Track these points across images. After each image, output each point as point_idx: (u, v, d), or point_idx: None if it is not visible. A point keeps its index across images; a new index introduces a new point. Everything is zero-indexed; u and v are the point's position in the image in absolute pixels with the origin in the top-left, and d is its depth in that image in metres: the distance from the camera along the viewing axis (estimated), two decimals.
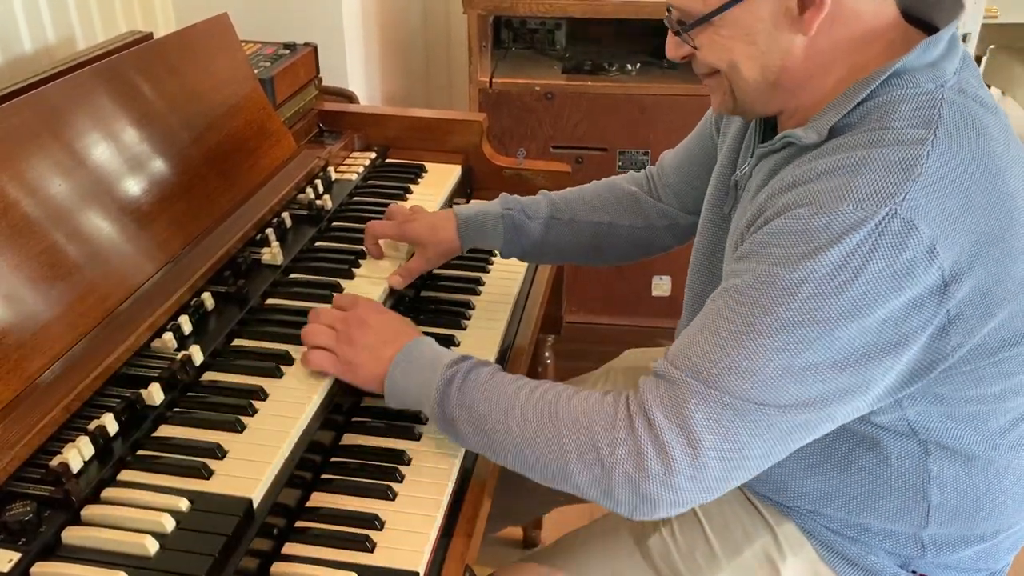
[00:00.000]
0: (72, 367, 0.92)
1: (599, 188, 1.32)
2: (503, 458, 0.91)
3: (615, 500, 0.85)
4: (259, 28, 1.88)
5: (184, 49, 1.33)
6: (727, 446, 0.82)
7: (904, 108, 0.85)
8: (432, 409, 0.94)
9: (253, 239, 1.25)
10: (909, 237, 0.79)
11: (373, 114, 1.70)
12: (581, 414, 0.86)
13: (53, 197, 1.01)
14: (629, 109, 2.13)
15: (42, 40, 1.58)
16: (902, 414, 0.91)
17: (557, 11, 2.08)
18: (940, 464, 0.94)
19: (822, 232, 0.80)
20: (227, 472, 0.87)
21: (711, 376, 0.82)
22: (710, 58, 0.92)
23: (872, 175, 0.81)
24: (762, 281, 0.82)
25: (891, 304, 0.80)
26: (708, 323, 0.86)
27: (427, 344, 0.99)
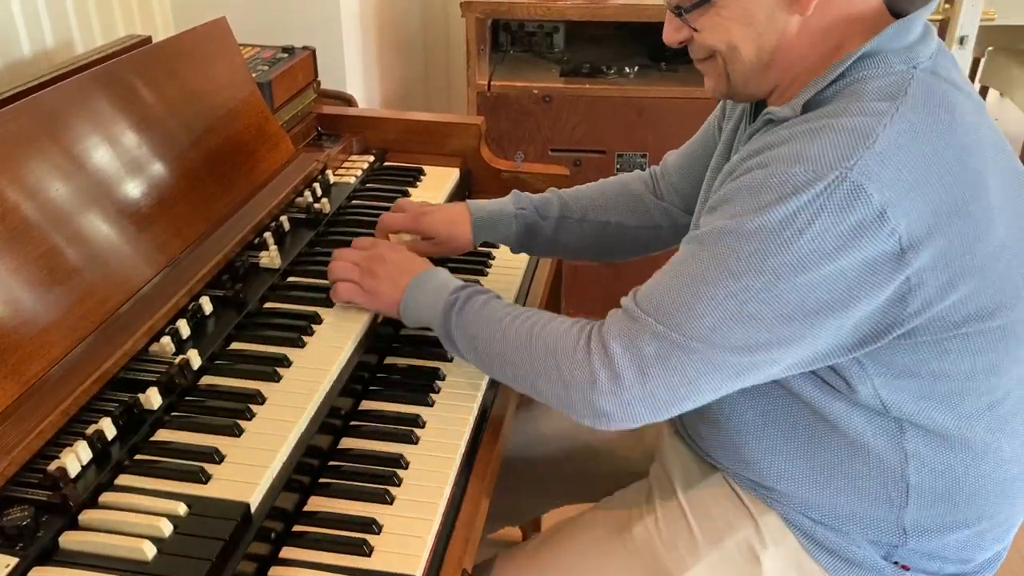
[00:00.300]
0: (70, 371, 0.92)
1: (607, 188, 1.35)
2: (491, 372, 1.05)
3: (576, 413, 0.94)
4: (258, 31, 1.89)
5: (182, 53, 1.33)
6: (675, 379, 0.89)
7: (873, 84, 0.89)
8: (437, 329, 1.06)
9: (251, 243, 1.25)
10: (857, 200, 0.83)
11: (371, 117, 1.71)
12: (550, 339, 0.96)
13: (51, 201, 1.01)
14: (627, 112, 2.14)
15: (41, 44, 1.58)
16: (875, 392, 0.94)
17: (555, 14, 2.09)
18: (916, 443, 0.96)
19: (774, 190, 0.85)
20: (225, 476, 0.87)
21: (667, 315, 0.89)
22: (710, 40, 0.95)
23: (827, 140, 0.85)
24: (718, 233, 0.88)
25: (838, 263, 0.84)
26: (672, 268, 0.93)
27: (437, 273, 1.10)
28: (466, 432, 1.03)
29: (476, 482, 0.99)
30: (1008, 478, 1.01)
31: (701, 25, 0.94)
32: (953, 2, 1.83)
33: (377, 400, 1.08)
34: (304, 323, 1.10)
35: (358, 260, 1.14)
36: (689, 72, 2.21)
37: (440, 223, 1.28)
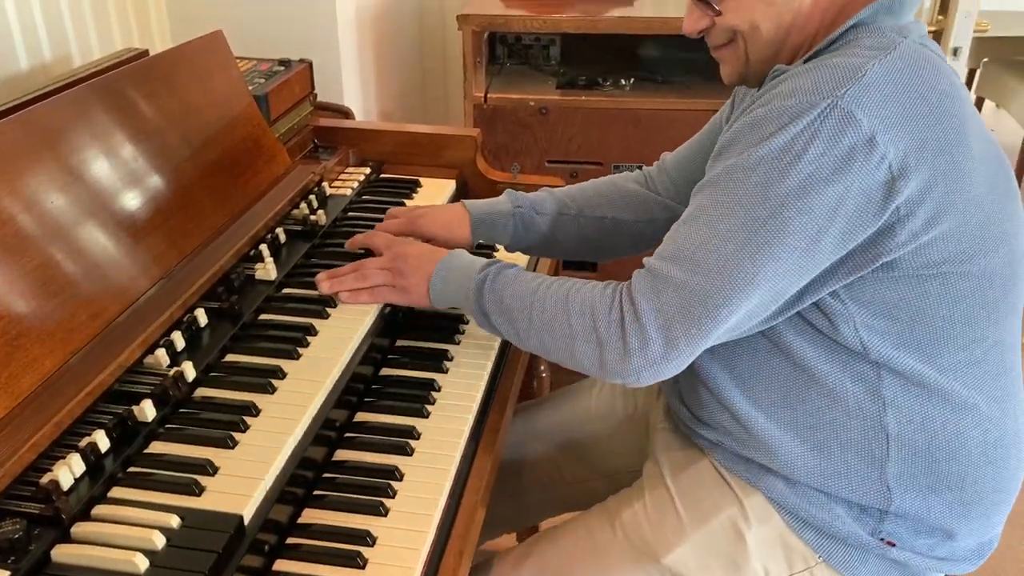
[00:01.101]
0: (64, 384, 0.92)
1: (601, 185, 1.37)
2: (526, 343, 1.06)
3: (608, 372, 0.98)
4: (256, 45, 1.89)
5: (179, 66, 1.34)
6: (694, 330, 0.94)
7: (866, 41, 0.96)
8: (470, 307, 1.09)
9: (247, 255, 1.25)
10: (848, 126, 0.89)
11: (368, 130, 1.71)
12: (586, 302, 1.00)
13: (47, 213, 1.01)
14: (623, 123, 2.14)
15: (39, 58, 1.59)
16: (855, 332, 0.98)
17: (551, 27, 2.10)
18: (893, 391, 1.00)
19: (773, 122, 0.92)
20: (218, 489, 0.86)
21: (685, 257, 0.95)
22: (733, 20, 1.02)
23: (820, 75, 0.92)
24: (727, 170, 0.95)
25: (835, 188, 0.90)
26: (686, 215, 0.99)
27: (460, 255, 1.15)
28: (461, 443, 1.03)
29: (471, 493, 0.99)
30: (990, 441, 1.03)
31: (725, 8, 1.02)
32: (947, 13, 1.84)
33: (372, 412, 1.08)
34: (299, 335, 1.10)
35: (382, 263, 1.18)
36: (684, 84, 2.22)
37: (438, 225, 1.30)
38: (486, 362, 1.18)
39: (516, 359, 1.25)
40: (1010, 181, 1.04)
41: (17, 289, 0.94)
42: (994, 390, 1.03)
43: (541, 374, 1.78)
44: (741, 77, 1.07)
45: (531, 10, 2.15)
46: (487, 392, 1.14)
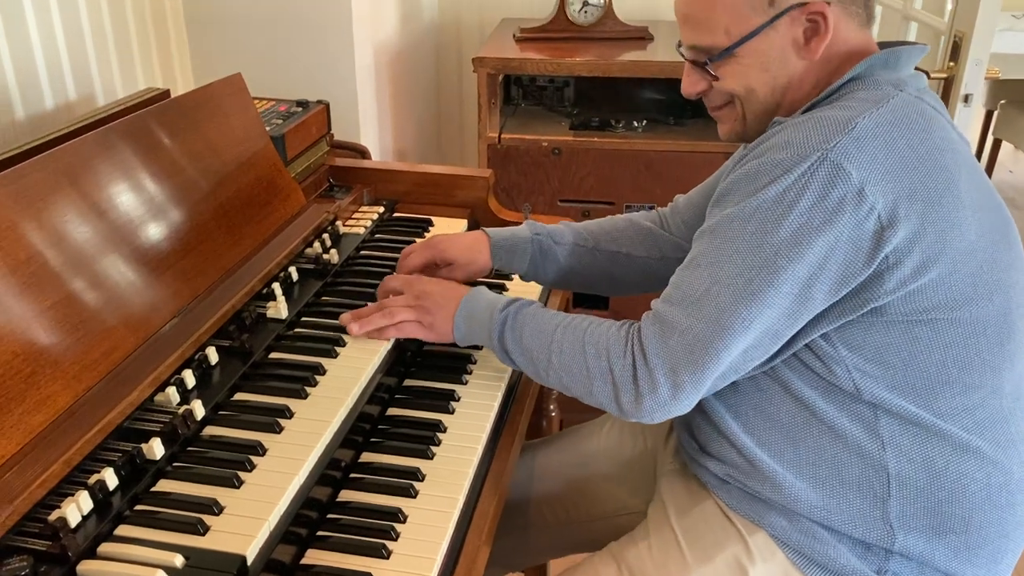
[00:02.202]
0: (76, 421, 0.93)
1: (618, 221, 1.41)
2: (546, 381, 1.11)
3: (624, 412, 1.03)
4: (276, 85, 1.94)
5: (199, 108, 1.37)
6: (698, 374, 0.99)
7: (860, 94, 1.01)
8: (493, 346, 1.14)
9: (260, 293, 1.27)
10: (838, 178, 0.93)
11: (382, 169, 1.74)
12: (601, 345, 1.04)
13: (66, 252, 1.04)
14: (635, 164, 2.17)
15: (63, 96, 1.63)
16: (848, 375, 1.01)
17: (564, 70, 2.13)
18: (891, 430, 1.02)
19: (765, 174, 0.96)
20: (222, 528, 0.87)
21: (689, 304, 0.99)
22: (731, 85, 1.07)
23: (811, 128, 0.96)
24: (725, 219, 0.99)
25: (826, 238, 0.93)
26: (688, 261, 1.03)
27: (481, 293, 1.19)
28: (465, 486, 1.04)
29: (474, 536, 0.99)
30: (994, 485, 1.03)
31: (723, 73, 1.07)
32: (957, 60, 1.85)
33: (377, 452, 1.09)
34: (307, 374, 1.12)
35: (406, 302, 1.21)
36: (696, 126, 2.24)
37: (459, 249, 1.34)
38: (492, 403, 1.19)
39: (523, 400, 1.25)
40: (1009, 231, 1.05)
41: (34, 326, 0.96)
42: (997, 435, 1.04)
43: (551, 413, 1.78)
44: (738, 135, 1.12)
45: (546, 53, 2.19)
46: (493, 434, 1.15)
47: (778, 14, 1.02)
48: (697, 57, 1.08)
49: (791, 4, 1.01)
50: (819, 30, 1.02)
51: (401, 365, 1.26)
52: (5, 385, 0.90)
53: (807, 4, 1.01)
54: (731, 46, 1.04)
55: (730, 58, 1.05)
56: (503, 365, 1.25)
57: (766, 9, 1.02)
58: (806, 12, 1.01)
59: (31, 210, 1.01)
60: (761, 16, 1.02)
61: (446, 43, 2.83)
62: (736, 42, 1.03)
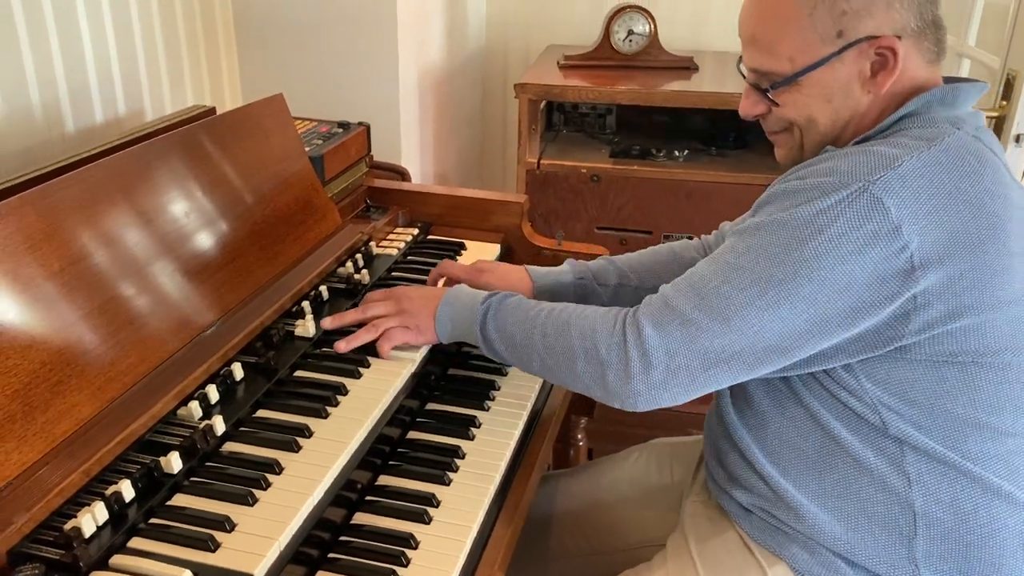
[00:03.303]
0: (97, 431, 0.95)
1: (661, 254, 1.39)
2: (529, 366, 1.10)
3: (610, 393, 1.01)
4: (321, 106, 1.97)
5: (239, 126, 1.40)
6: (696, 363, 0.97)
7: (914, 131, 0.98)
8: (475, 336, 1.13)
9: (289, 311, 1.29)
10: (875, 211, 0.91)
11: (418, 192, 1.75)
12: (588, 324, 1.03)
13: (99, 264, 1.06)
14: (675, 194, 2.15)
15: (113, 111, 1.68)
16: (874, 408, 0.98)
17: (606, 98, 2.13)
18: (918, 468, 0.99)
19: (805, 193, 0.95)
20: (233, 546, 0.87)
21: (699, 296, 0.98)
22: (790, 114, 1.05)
23: (858, 159, 0.94)
24: (755, 227, 0.98)
25: (849, 267, 0.91)
26: (711, 257, 1.01)
27: (461, 289, 1.21)
28: (480, 514, 1.03)
29: (486, 567, 0.98)
30: None
31: (783, 100, 1.04)
32: (1009, 99, 1.81)
33: (394, 476, 1.09)
34: (330, 394, 1.12)
35: (386, 310, 1.22)
36: (737, 157, 2.22)
37: (500, 285, 1.33)
38: (513, 431, 1.18)
39: (544, 429, 1.24)
40: None
41: (63, 336, 0.98)
42: None
43: (578, 443, 1.76)
44: (794, 161, 1.09)
45: (589, 81, 2.19)
46: (511, 463, 1.14)
47: (847, 45, 0.99)
48: (758, 81, 1.05)
49: (862, 36, 0.98)
50: (887, 64, 0.99)
51: (424, 388, 1.26)
52: (31, 393, 0.91)
53: (879, 38, 0.98)
54: (794, 75, 1.01)
55: (792, 86, 1.02)
56: (526, 392, 1.25)
57: (834, 40, 0.99)
58: (876, 45, 0.98)
59: (65, 223, 1.04)
60: (829, 46, 0.99)
61: (492, 68, 2.85)
62: (800, 71, 1.01)
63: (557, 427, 1.30)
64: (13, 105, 1.45)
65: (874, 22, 0.97)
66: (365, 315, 1.23)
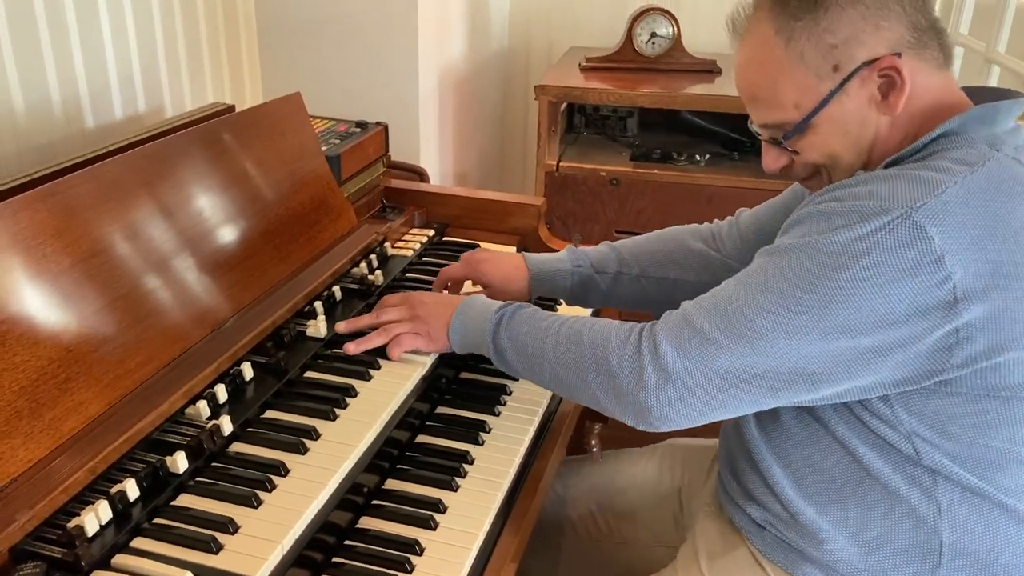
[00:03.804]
0: (104, 429, 0.95)
1: (665, 242, 1.36)
2: (540, 378, 1.08)
3: (622, 406, 0.98)
4: (340, 103, 1.97)
5: (256, 125, 1.39)
6: (714, 383, 0.93)
7: (954, 153, 0.93)
8: (487, 345, 1.11)
9: (301, 310, 1.28)
10: (917, 240, 0.87)
11: (435, 192, 1.74)
12: (600, 335, 1.00)
13: (108, 262, 1.06)
14: (696, 199, 2.13)
15: (133, 108, 1.68)
16: (908, 439, 0.95)
17: (627, 101, 2.11)
18: (950, 498, 0.96)
19: (842, 217, 0.90)
20: (235, 548, 0.87)
21: (721, 316, 0.94)
22: (812, 157, 1.01)
23: (899, 184, 0.90)
24: (786, 248, 0.94)
25: (887, 298, 0.87)
26: (737, 276, 0.98)
27: (477, 298, 1.19)
28: (486, 522, 1.01)
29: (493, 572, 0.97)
30: None
31: (802, 147, 1.01)
32: None
33: (402, 480, 1.08)
34: (339, 396, 1.11)
35: (400, 315, 1.21)
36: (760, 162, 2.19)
37: (496, 274, 1.33)
38: (523, 437, 1.17)
39: (555, 436, 1.23)
40: None
41: (72, 333, 0.98)
42: None
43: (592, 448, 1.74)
44: None
45: (611, 83, 2.17)
46: (521, 469, 1.12)
47: (846, 78, 0.95)
48: (773, 135, 1.03)
49: (859, 63, 0.95)
50: (895, 83, 0.95)
51: (435, 391, 1.25)
52: (39, 390, 0.91)
53: (876, 61, 0.94)
54: (804, 119, 0.98)
55: (806, 131, 0.99)
56: (538, 398, 1.24)
57: (831, 74, 0.96)
58: (876, 69, 0.95)
59: (77, 219, 1.04)
60: (828, 82, 0.96)
61: (514, 69, 2.84)
62: (808, 115, 0.97)
63: (568, 434, 1.28)
64: (33, 101, 1.45)
65: (866, 47, 0.94)
66: (379, 320, 1.23)
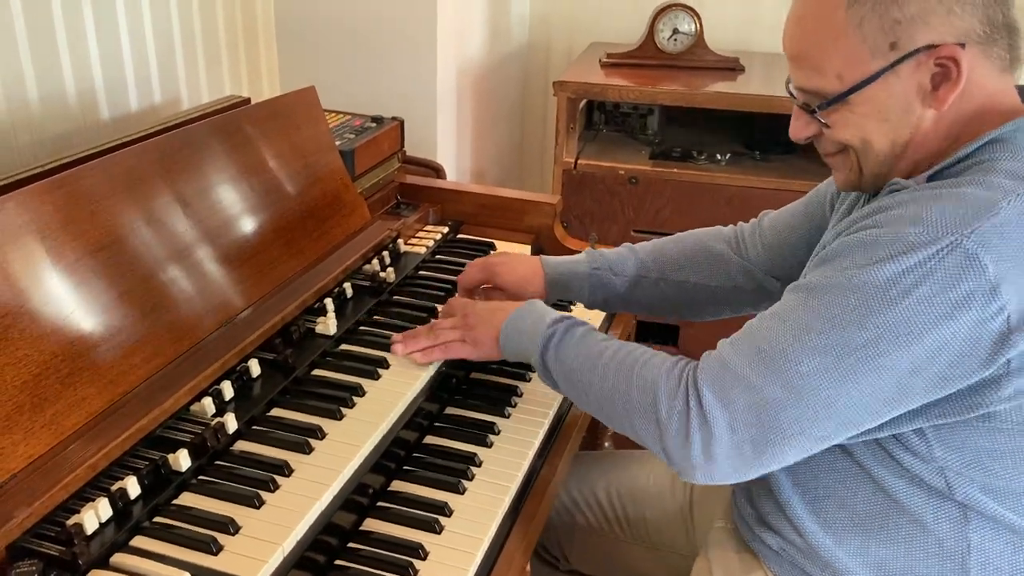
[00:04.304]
0: (107, 425, 0.94)
1: (686, 246, 1.33)
2: (585, 406, 1.04)
3: (668, 456, 0.93)
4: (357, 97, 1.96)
5: (269, 118, 1.38)
6: (761, 437, 0.88)
7: (1003, 165, 0.86)
8: (535, 361, 1.07)
9: (311, 307, 1.27)
10: (970, 270, 0.81)
11: (450, 189, 1.72)
12: (650, 380, 0.95)
13: (115, 256, 1.04)
14: (715, 199, 2.09)
15: (148, 100, 1.68)
16: (940, 472, 0.91)
17: (647, 99, 2.08)
18: (981, 534, 0.92)
19: (886, 247, 0.84)
20: (235, 550, 0.85)
21: (763, 361, 0.88)
22: (842, 135, 0.95)
23: (947, 206, 0.84)
24: (826, 284, 0.88)
25: (939, 333, 0.82)
26: (773, 314, 0.92)
27: (535, 306, 1.12)
28: (492, 527, 0.99)
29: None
30: None
31: (833, 121, 0.94)
32: None
33: (408, 481, 1.06)
34: (346, 395, 1.10)
35: (453, 323, 1.19)
36: (784, 163, 2.15)
37: (513, 282, 1.31)
38: (533, 440, 1.14)
39: (565, 440, 1.20)
40: None
41: (76, 327, 0.97)
42: None
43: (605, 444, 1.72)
44: (854, 186, 0.99)
45: (631, 80, 2.14)
46: (529, 473, 1.10)
47: (901, 58, 0.87)
48: (808, 101, 0.95)
49: (919, 47, 0.87)
50: (950, 76, 0.87)
51: (445, 392, 1.23)
52: (41, 385, 0.90)
53: (938, 47, 0.86)
54: (843, 93, 0.91)
55: (843, 105, 0.92)
56: (549, 400, 1.21)
57: (886, 52, 0.88)
58: (935, 56, 0.87)
59: (83, 212, 1.03)
60: (880, 60, 0.88)
61: (534, 65, 2.81)
62: (849, 89, 0.90)
63: (580, 437, 1.26)
64: (47, 92, 1.45)
65: (932, 31, 0.86)
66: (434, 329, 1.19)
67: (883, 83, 0.89)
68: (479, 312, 1.17)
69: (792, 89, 0.98)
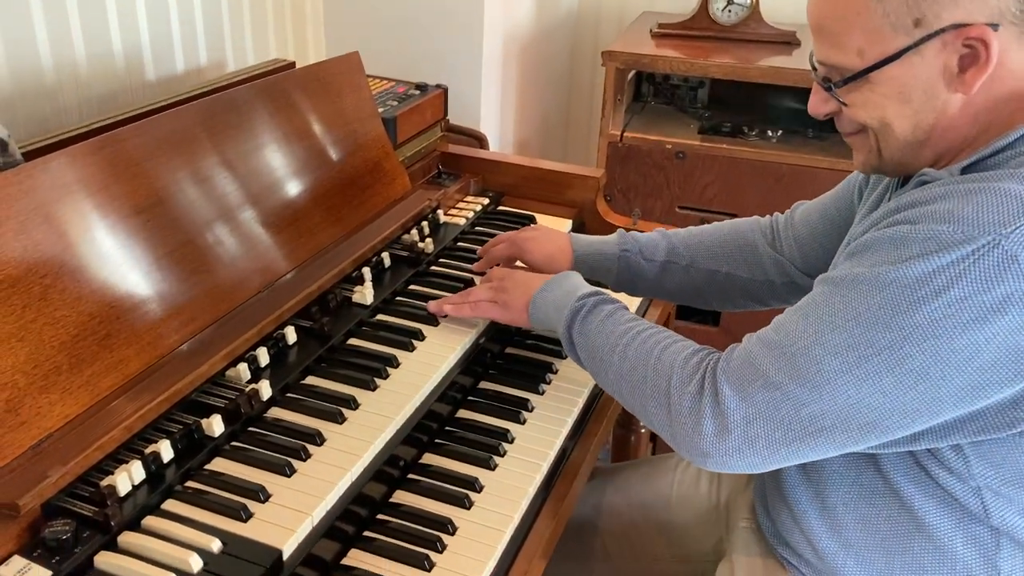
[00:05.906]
0: (143, 388, 0.94)
1: (721, 234, 1.29)
2: (603, 383, 1.03)
3: (676, 443, 0.92)
4: (402, 64, 1.94)
5: (311, 84, 1.37)
6: (778, 434, 0.85)
7: None
8: (561, 333, 1.06)
9: (349, 276, 1.26)
10: (1008, 272, 0.76)
11: (492, 160, 1.70)
12: (667, 366, 0.93)
13: (157, 219, 1.05)
14: (765, 176, 2.04)
15: (194, 62, 1.68)
16: (977, 493, 0.88)
17: (698, 71, 2.03)
18: (1013, 563, 0.89)
19: (918, 245, 0.80)
20: (265, 517, 0.86)
21: (786, 358, 0.85)
22: (860, 116, 0.90)
23: (984, 202, 0.79)
24: (853, 279, 0.84)
25: (972, 338, 0.78)
26: (799, 308, 0.89)
27: (570, 275, 1.12)
28: (523, 504, 0.98)
29: (523, 561, 0.94)
30: None
31: (851, 100, 0.89)
32: None
33: (439, 455, 1.05)
34: (380, 365, 1.09)
35: (489, 286, 1.19)
36: (838, 142, 2.09)
37: (540, 257, 1.29)
38: (567, 418, 1.13)
39: (600, 419, 1.19)
40: None
41: (115, 289, 0.97)
42: None
43: (640, 429, 1.70)
44: (874, 168, 0.95)
45: (683, 51, 2.08)
46: (561, 451, 1.09)
47: (926, 36, 0.82)
48: (828, 75, 0.90)
49: (946, 25, 0.81)
50: (979, 58, 0.82)
51: (479, 366, 1.22)
52: (78, 346, 0.91)
53: (967, 26, 0.81)
54: (863, 71, 0.86)
55: (862, 84, 0.87)
56: (584, 378, 1.20)
57: (911, 30, 0.82)
58: (963, 36, 0.81)
59: (127, 173, 1.03)
60: (904, 38, 0.83)
61: (583, 35, 2.76)
62: (869, 67, 0.85)
63: (615, 417, 1.24)
64: (95, 52, 1.45)
65: (961, 8, 0.81)
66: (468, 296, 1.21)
67: (906, 62, 0.84)
68: (516, 277, 1.18)
69: (814, 62, 0.93)
